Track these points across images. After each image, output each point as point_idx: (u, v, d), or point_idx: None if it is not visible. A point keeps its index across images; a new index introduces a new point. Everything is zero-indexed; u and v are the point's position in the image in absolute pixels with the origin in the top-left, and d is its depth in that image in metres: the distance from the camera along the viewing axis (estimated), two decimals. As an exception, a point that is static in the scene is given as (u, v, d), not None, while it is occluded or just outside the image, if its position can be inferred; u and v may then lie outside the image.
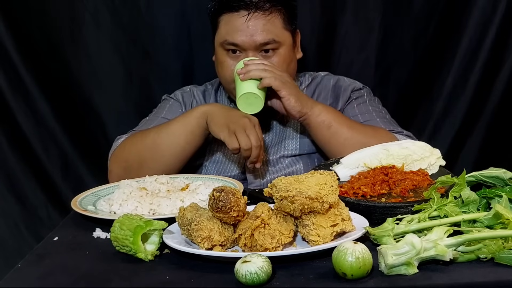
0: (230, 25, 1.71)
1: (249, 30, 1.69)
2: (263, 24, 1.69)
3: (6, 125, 2.13)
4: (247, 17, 1.68)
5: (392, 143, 1.52)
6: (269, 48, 1.71)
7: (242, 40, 1.69)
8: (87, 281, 1.04)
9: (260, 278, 0.96)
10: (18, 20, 2.08)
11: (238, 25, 1.69)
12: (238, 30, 1.69)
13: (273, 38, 1.70)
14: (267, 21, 1.69)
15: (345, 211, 1.14)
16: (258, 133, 1.59)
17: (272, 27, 1.70)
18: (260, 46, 1.70)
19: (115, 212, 1.36)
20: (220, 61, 1.76)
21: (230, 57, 1.73)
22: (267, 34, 1.69)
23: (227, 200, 1.10)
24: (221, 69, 1.76)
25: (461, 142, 2.23)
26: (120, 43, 2.14)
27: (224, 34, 1.72)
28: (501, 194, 1.14)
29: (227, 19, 1.72)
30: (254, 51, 1.70)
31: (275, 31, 1.71)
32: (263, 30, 1.69)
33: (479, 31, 2.11)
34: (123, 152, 1.73)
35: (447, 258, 0.99)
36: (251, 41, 1.69)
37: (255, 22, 1.68)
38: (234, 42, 1.70)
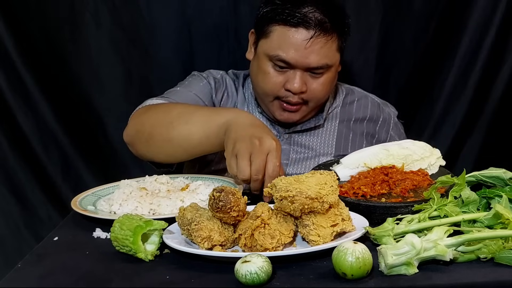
0: (285, 41, 1.61)
1: (305, 52, 1.60)
2: (320, 47, 1.61)
3: (6, 125, 2.14)
4: (310, 38, 1.58)
5: (392, 143, 1.52)
6: (319, 71, 1.64)
7: (296, 60, 1.61)
8: (87, 281, 1.04)
9: (260, 278, 0.96)
10: (18, 20, 2.08)
11: (294, 42, 1.60)
12: (294, 48, 1.60)
13: (327, 63, 1.63)
14: (324, 44, 1.61)
15: (345, 211, 1.14)
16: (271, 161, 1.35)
17: (328, 51, 1.63)
18: (311, 68, 1.63)
19: (115, 212, 1.35)
20: (263, 71, 1.67)
21: (276, 71, 1.65)
22: (321, 58, 1.62)
23: (227, 200, 1.10)
24: (263, 79, 1.68)
25: (461, 142, 2.23)
26: (120, 43, 2.14)
27: (276, 47, 1.62)
28: (501, 194, 1.14)
29: (282, 32, 1.62)
30: (303, 71, 1.63)
31: (330, 54, 1.64)
32: (319, 54, 1.61)
33: (479, 31, 2.11)
34: (144, 114, 1.65)
35: (447, 258, 0.99)
36: (305, 62, 1.61)
37: (313, 44, 1.60)
38: (286, 60, 1.61)
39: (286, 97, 1.66)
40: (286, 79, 1.65)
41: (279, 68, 1.64)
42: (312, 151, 1.77)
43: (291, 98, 1.66)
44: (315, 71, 1.64)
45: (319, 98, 1.70)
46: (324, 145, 1.78)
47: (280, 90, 1.66)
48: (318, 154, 1.76)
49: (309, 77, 1.65)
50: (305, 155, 1.76)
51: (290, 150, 1.77)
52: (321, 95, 1.70)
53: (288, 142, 1.77)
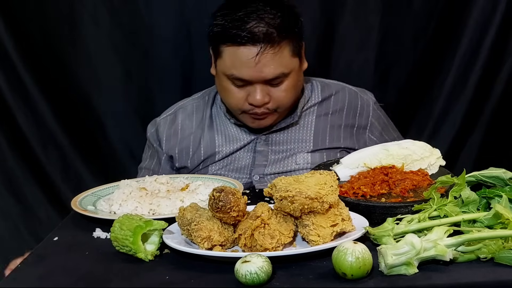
0: (237, 59, 1.61)
1: (258, 66, 1.59)
2: (271, 58, 1.59)
3: (6, 125, 2.13)
4: (257, 54, 1.58)
5: (392, 143, 1.52)
6: (278, 81, 1.64)
7: (250, 76, 1.61)
8: (87, 281, 1.04)
9: (260, 278, 0.96)
10: (18, 20, 2.08)
11: (244, 60, 1.59)
12: (246, 66, 1.60)
13: (282, 72, 1.62)
14: (275, 54, 1.60)
15: (345, 211, 1.14)
16: None
17: (281, 59, 1.61)
18: (269, 81, 1.63)
19: (115, 212, 1.35)
20: (224, 88, 1.68)
21: (237, 87, 1.65)
22: (275, 68, 1.61)
23: (227, 200, 1.09)
24: (226, 96, 1.70)
25: (461, 142, 2.23)
26: (120, 43, 2.14)
27: (229, 67, 1.63)
28: (501, 194, 1.14)
29: (232, 51, 1.61)
30: (262, 84, 1.63)
31: (284, 62, 1.63)
32: (272, 65, 1.60)
33: (479, 31, 2.11)
34: None
35: (447, 258, 0.99)
36: (260, 77, 1.61)
37: (263, 57, 1.58)
38: (241, 78, 1.62)
39: (251, 109, 1.66)
40: (247, 94, 1.65)
41: (238, 84, 1.64)
42: (290, 150, 1.76)
43: (256, 110, 1.66)
44: (273, 82, 1.63)
45: (285, 103, 1.69)
46: (301, 142, 1.77)
47: (244, 104, 1.66)
48: (295, 151, 1.76)
49: (270, 87, 1.64)
50: (283, 154, 1.76)
51: (269, 152, 1.76)
52: (287, 100, 1.68)
53: (266, 143, 1.76)
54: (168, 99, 1.90)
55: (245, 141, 1.77)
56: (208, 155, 1.77)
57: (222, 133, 1.79)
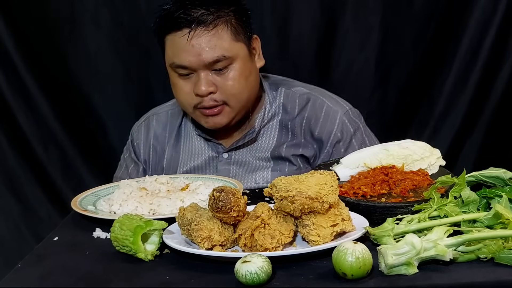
0: (175, 46, 1.58)
1: (194, 50, 1.55)
2: (208, 40, 1.55)
3: (6, 125, 2.14)
4: (188, 36, 1.54)
5: (392, 143, 1.52)
6: (221, 66, 1.58)
7: (189, 61, 1.56)
8: (87, 281, 1.04)
9: (260, 278, 0.96)
10: (18, 20, 2.08)
11: (182, 45, 1.56)
12: (183, 50, 1.56)
13: (223, 54, 1.56)
14: (211, 36, 1.55)
15: (345, 211, 1.14)
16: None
17: (220, 41, 1.56)
18: (209, 65, 1.57)
19: (115, 212, 1.35)
20: (173, 83, 1.65)
21: (183, 80, 1.62)
22: (214, 51, 1.55)
23: (227, 200, 1.09)
24: (175, 92, 1.65)
25: (461, 142, 2.23)
26: (120, 43, 2.14)
27: (171, 56, 1.60)
28: (501, 194, 1.14)
29: (172, 39, 1.59)
30: (205, 70, 1.58)
31: (224, 45, 1.57)
32: (209, 47, 1.55)
33: (479, 31, 2.11)
34: None
35: (447, 258, 0.99)
36: (199, 60, 1.56)
37: (199, 39, 1.55)
38: (181, 64, 1.58)
39: (200, 103, 1.61)
40: (192, 86, 1.61)
41: (183, 76, 1.61)
42: (250, 168, 1.72)
43: (204, 102, 1.61)
44: (217, 67, 1.57)
45: (235, 94, 1.62)
46: (261, 160, 1.72)
47: (192, 98, 1.62)
48: (255, 169, 1.71)
49: (216, 76, 1.59)
50: (244, 172, 1.72)
51: (230, 170, 1.73)
52: (235, 91, 1.61)
53: (228, 162, 1.73)
54: (168, 99, 1.90)
55: (207, 157, 1.74)
56: (169, 170, 1.76)
57: (188, 146, 1.77)
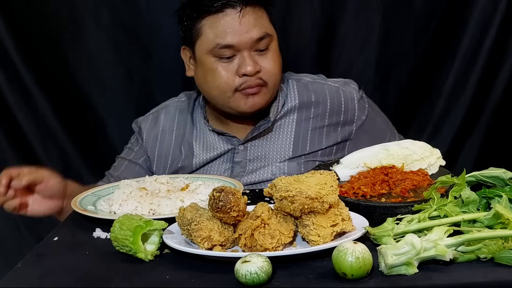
0: (219, 27, 1.60)
1: (242, 28, 1.59)
2: (254, 18, 1.61)
3: (6, 125, 2.14)
4: (240, 15, 1.59)
5: (392, 143, 1.52)
6: (263, 45, 1.63)
7: (237, 40, 1.59)
8: (87, 281, 1.04)
9: (260, 278, 0.96)
10: (18, 20, 2.08)
11: (228, 25, 1.59)
12: (230, 30, 1.59)
13: (267, 32, 1.62)
14: (256, 15, 1.61)
15: (345, 211, 1.14)
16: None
17: (262, 20, 1.63)
18: (255, 44, 1.61)
19: (115, 212, 1.35)
20: (210, 69, 1.63)
21: (224, 63, 1.62)
22: (260, 28, 1.61)
23: (227, 200, 1.09)
24: (213, 78, 1.64)
25: (461, 142, 2.23)
26: (120, 43, 2.14)
27: (212, 38, 1.61)
28: (501, 194, 1.14)
29: (212, 22, 1.61)
30: (249, 50, 1.61)
31: (266, 24, 1.64)
32: (255, 25, 1.61)
33: (479, 31, 2.11)
34: None
35: (447, 258, 0.99)
36: (247, 38, 1.60)
37: (247, 18, 1.59)
38: (229, 44, 1.59)
39: (244, 83, 1.62)
40: (237, 66, 1.62)
41: (225, 59, 1.62)
42: (267, 159, 1.72)
43: (249, 82, 1.62)
44: (260, 46, 1.62)
45: (275, 74, 1.66)
46: (279, 151, 1.72)
47: (235, 79, 1.62)
48: (272, 161, 1.72)
49: (257, 57, 1.63)
50: (260, 163, 1.71)
51: (247, 162, 1.72)
52: (275, 70, 1.66)
53: (244, 153, 1.72)
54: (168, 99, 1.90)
55: (223, 150, 1.73)
56: (185, 163, 1.75)
57: (201, 141, 1.76)
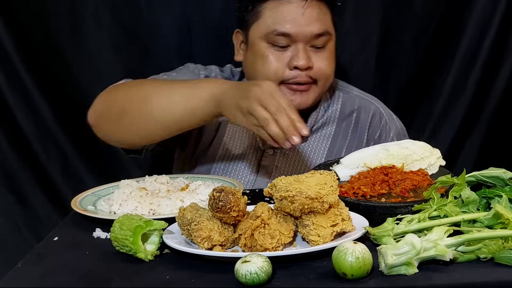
0: (280, 13, 1.52)
1: (304, 19, 1.51)
2: (318, 13, 1.53)
3: (6, 125, 2.14)
4: (305, 4, 1.50)
5: (392, 143, 1.52)
6: (321, 42, 1.55)
7: (296, 30, 1.51)
8: (87, 281, 1.04)
9: (260, 278, 0.96)
10: (18, 20, 2.08)
11: (290, 13, 1.52)
12: (291, 19, 1.51)
13: (327, 30, 1.55)
14: (320, 9, 1.54)
15: (345, 211, 1.14)
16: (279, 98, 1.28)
17: (325, 16, 1.56)
18: (313, 39, 1.54)
19: (115, 212, 1.35)
20: (261, 55, 1.55)
21: (276, 51, 1.54)
22: (322, 24, 1.54)
23: (227, 200, 1.09)
24: (263, 65, 1.56)
25: (461, 142, 2.23)
26: (120, 43, 2.14)
27: (270, 24, 1.53)
28: (501, 194, 1.14)
29: (274, 6, 1.53)
30: (305, 44, 1.53)
31: (328, 24, 1.57)
32: (318, 20, 1.53)
33: (479, 31, 2.11)
34: (114, 91, 1.56)
35: (447, 258, 0.99)
36: (307, 31, 1.52)
37: (311, 10, 1.52)
38: (286, 32, 1.52)
39: (293, 77, 1.55)
40: (289, 58, 1.55)
41: (278, 47, 1.55)
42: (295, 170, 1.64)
43: (299, 77, 1.55)
44: (317, 42, 1.55)
45: (327, 75, 1.59)
46: (309, 163, 1.66)
47: (284, 71, 1.55)
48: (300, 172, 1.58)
49: (312, 53, 1.56)
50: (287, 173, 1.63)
51: (274, 169, 1.65)
52: (328, 71, 1.59)
53: (272, 159, 1.65)
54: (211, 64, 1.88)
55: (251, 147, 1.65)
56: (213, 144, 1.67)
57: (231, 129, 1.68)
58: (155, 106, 1.44)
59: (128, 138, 1.53)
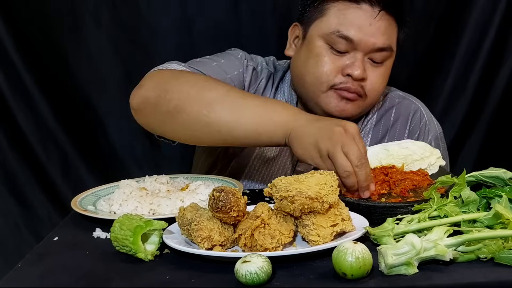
0: (347, 17, 1.46)
1: (370, 29, 1.45)
2: (385, 27, 1.47)
3: (6, 125, 2.14)
4: (376, 15, 1.44)
5: (392, 143, 1.52)
6: (381, 58, 1.50)
7: (359, 38, 1.46)
8: (87, 281, 1.04)
9: (260, 278, 0.96)
10: (18, 20, 2.08)
11: (358, 19, 1.46)
12: (358, 25, 1.45)
13: (391, 46, 1.50)
14: (389, 24, 1.48)
15: (345, 211, 1.14)
16: (360, 146, 1.22)
17: (392, 33, 1.50)
18: (373, 51, 1.48)
19: (115, 212, 1.35)
20: (316, 54, 1.49)
21: (333, 55, 1.48)
22: (387, 39, 1.48)
23: (227, 200, 1.09)
24: (316, 64, 1.49)
25: (461, 142, 2.23)
26: (120, 43, 2.14)
27: (335, 24, 1.47)
28: (501, 194, 1.14)
29: (343, 8, 1.47)
30: (364, 54, 1.48)
31: (393, 38, 1.51)
32: (384, 34, 1.47)
33: (479, 31, 2.11)
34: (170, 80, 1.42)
35: (447, 258, 0.99)
36: (371, 42, 1.46)
37: (380, 23, 1.46)
38: (349, 37, 1.45)
39: (344, 83, 1.49)
40: (344, 64, 1.49)
41: (336, 51, 1.48)
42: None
43: (350, 84, 1.49)
44: (376, 56, 1.49)
45: (377, 92, 1.55)
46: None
47: (336, 76, 1.49)
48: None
49: (368, 65, 1.50)
50: None
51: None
52: (380, 89, 1.55)
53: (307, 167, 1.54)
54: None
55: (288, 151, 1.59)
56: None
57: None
58: (217, 117, 1.34)
59: (173, 134, 1.45)
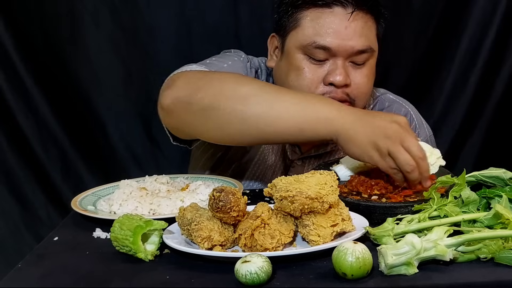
0: (321, 25, 1.41)
1: (346, 33, 1.40)
2: (362, 27, 1.42)
3: (6, 125, 2.14)
4: (349, 17, 1.39)
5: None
6: (362, 59, 1.45)
7: (337, 44, 1.40)
8: (87, 281, 1.04)
9: (260, 278, 0.96)
10: (18, 20, 2.08)
11: (332, 25, 1.40)
12: (333, 31, 1.40)
13: (370, 46, 1.45)
14: (365, 23, 1.43)
15: (345, 211, 1.14)
16: (413, 135, 1.21)
17: (370, 33, 1.45)
18: (354, 55, 1.43)
19: (115, 212, 1.35)
20: (296, 67, 1.45)
21: (313, 64, 1.44)
22: (365, 40, 1.43)
23: (227, 200, 1.09)
24: (296, 77, 1.46)
25: (461, 142, 2.23)
26: (120, 43, 2.14)
27: (311, 35, 1.42)
28: (501, 194, 1.14)
29: (316, 16, 1.42)
30: (344, 59, 1.43)
31: (372, 38, 1.46)
32: (361, 35, 1.42)
33: (479, 31, 2.11)
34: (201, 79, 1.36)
35: (447, 258, 0.99)
36: (349, 46, 1.41)
37: (355, 24, 1.40)
38: (326, 46, 1.41)
39: (328, 93, 1.44)
40: (325, 73, 1.44)
41: (315, 61, 1.44)
42: None
43: (334, 93, 1.44)
44: (357, 59, 1.44)
45: (365, 94, 1.51)
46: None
47: (318, 86, 1.45)
48: None
49: (351, 69, 1.45)
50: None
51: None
52: (366, 90, 1.50)
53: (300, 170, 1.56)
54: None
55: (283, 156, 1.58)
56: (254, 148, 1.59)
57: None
58: (254, 112, 1.27)
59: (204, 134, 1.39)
